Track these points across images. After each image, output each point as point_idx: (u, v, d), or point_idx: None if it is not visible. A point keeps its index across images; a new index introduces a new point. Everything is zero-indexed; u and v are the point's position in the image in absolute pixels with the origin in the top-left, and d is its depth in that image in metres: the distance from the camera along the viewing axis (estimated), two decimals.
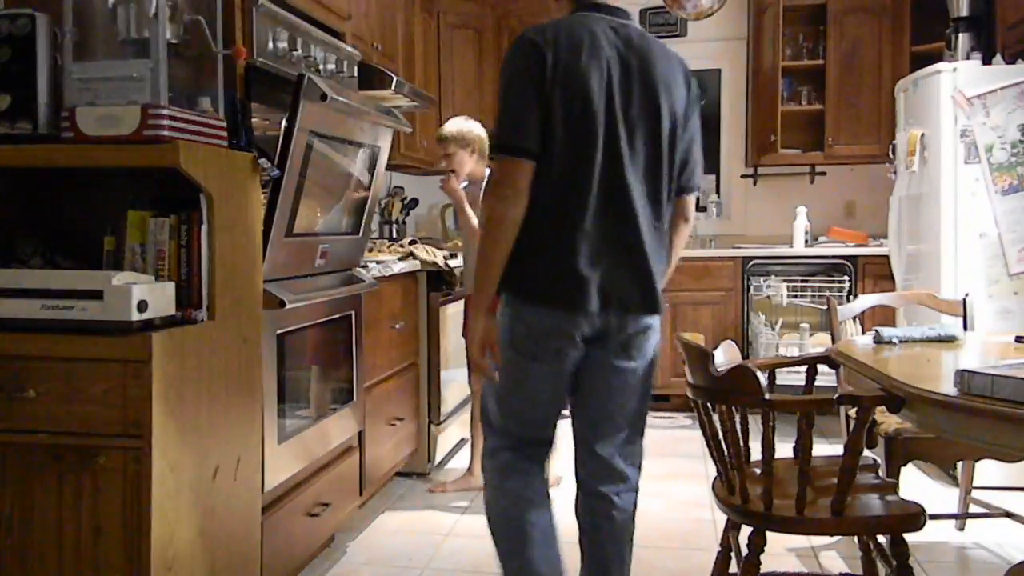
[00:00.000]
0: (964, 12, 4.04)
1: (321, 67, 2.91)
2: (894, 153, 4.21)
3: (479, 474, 2.62)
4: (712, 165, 5.68)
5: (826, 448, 4.16)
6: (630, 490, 2.13)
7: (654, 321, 2.06)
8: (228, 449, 2.13)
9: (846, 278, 4.73)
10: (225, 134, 2.16)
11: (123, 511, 1.83)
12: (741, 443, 1.99)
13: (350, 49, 3.22)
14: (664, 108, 1.99)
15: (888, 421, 2.57)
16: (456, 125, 3.64)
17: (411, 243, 4.04)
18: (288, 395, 2.54)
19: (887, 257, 4.32)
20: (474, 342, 2.02)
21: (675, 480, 3.80)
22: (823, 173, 5.40)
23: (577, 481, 2.16)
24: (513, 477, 2.10)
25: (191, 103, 2.11)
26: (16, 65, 2.03)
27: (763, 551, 2.01)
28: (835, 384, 2.83)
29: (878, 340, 2.42)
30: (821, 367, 2.55)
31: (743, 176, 5.57)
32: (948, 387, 1.76)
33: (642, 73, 1.97)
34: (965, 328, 2.83)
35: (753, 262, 4.92)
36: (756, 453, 2.02)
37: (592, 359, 2.04)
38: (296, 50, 2.75)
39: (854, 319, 3.15)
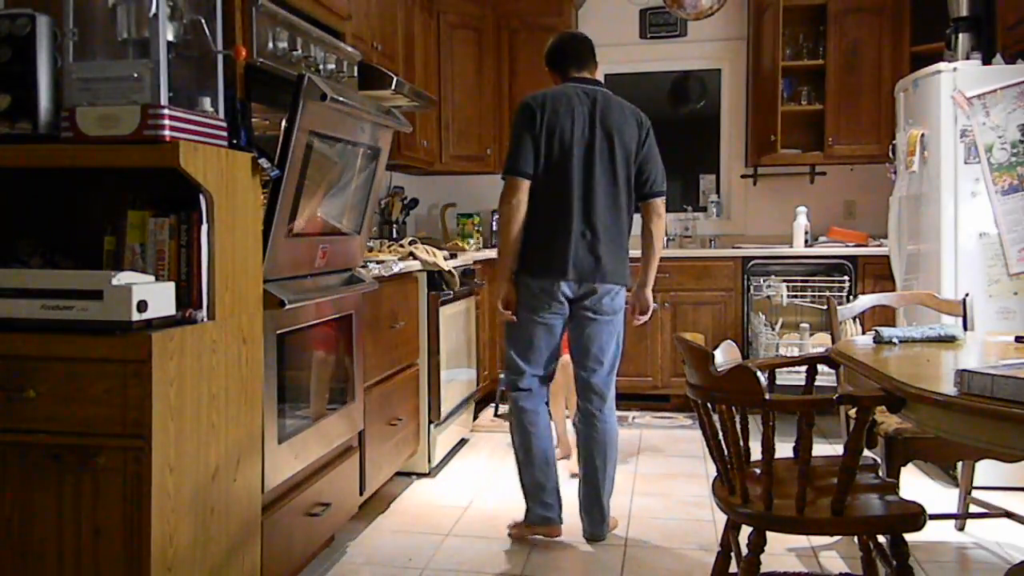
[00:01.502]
0: (964, 12, 4.04)
1: (321, 67, 2.91)
2: (894, 153, 4.21)
3: (568, 442, 3.85)
4: (712, 165, 5.69)
5: (826, 448, 4.16)
6: (609, 409, 3.09)
7: (612, 288, 3.02)
8: (228, 449, 2.13)
9: (846, 278, 4.73)
10: (225, 134, 2.16)
11: (123, 511, 1.83)
12: (741, 443, 1.99)
13: (350, 49, 3.22)
14: (616, 144, 2.99)
15: (888, 421, 2.57)
16: None
17: (411, 243, 4.04)
18: (288, 395, 2.54)
19: (887, 257, 4.32)
20: (497, 299, 3.10)
21: (675, 480, 3.80)
22: (823, 173, 5.40)
23: (577, 403, 3.15)
24: (525, 399, 3.09)
25: (191, 103, 2.11)
26: (16, 65, 2.03)
27: (763, 551, 2.01)
28: (835, 384, 2.83)
29: (878, 340, 2.42)
30: (821, 367, 2.55)
31: (743, 176, 5.57)
32: (948, 387, 1.76)
33: (602, 121, 2.98)
34: (965, 328, 2.83)
35: (753, 262, 4.92)
36: (756, 453, 2.02)
37: (576, 315, 3.04)
38: (296, 50, 2.75)
39: (854, 319, 3.16)
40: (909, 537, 2.01)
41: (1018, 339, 2.43)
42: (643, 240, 3.11)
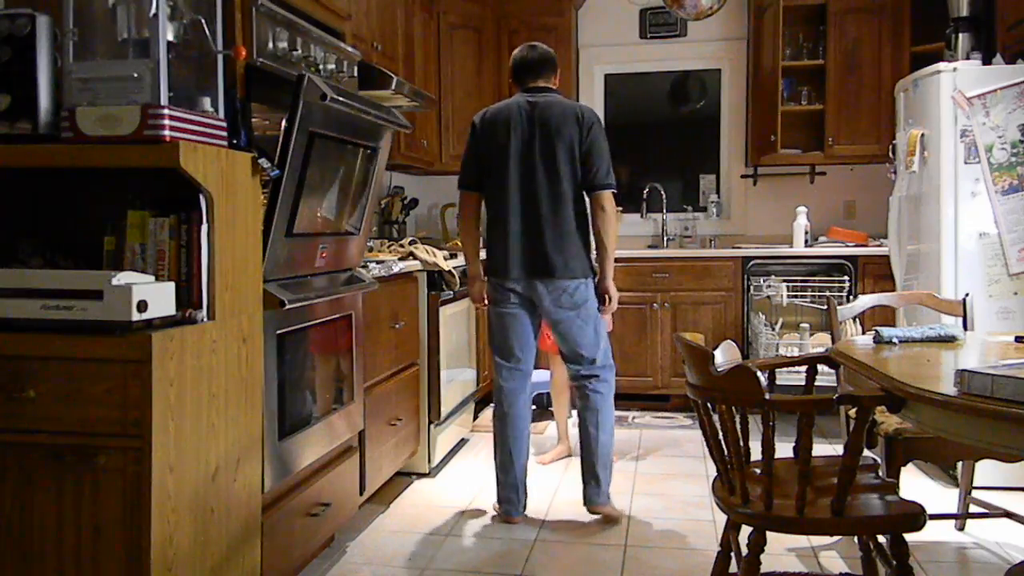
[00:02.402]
0: (964, 12, 4.04)
1: (321, 67, 2.91)
2: (894, 153, 4.21)
3: (569, 443, 4.05)
4: (712, 165, 5.69)
5: (826, 448, 4.16)
6: (600, 381, 3.25)
7: (566, 284, 3.16)
8: (228, 449, 2.13)
9: (846, 278, 4.73)
10: (225, 134, 2.16)
11: (123, 511, 1.83)
12: (741, 443, 1.99)
13: (350, 49, 3.22)
14: (557, 142, 3.15)
15: (888, 421, 2.57)
16: None
17: (411, 243, 4.04)
18: (288, 395, 2.54)
19: (887, 257, 4.32)
20: (470, 295, 3.46)
21: (675, 480, 3.80)
22: (823, 173, 5.40)
23: (572, 386, 3.39)
24: (502, 390, 3.31)
25: (191, 103, 2.11)
26: (16, 65, 2.03)
27: (763, 551, 2.01)
28: (835, 384, 2.83)
29: (878, 340, 2.42)
30: (821, 367, 2.55)
31: (743, 176, 5.57)
32: (948, 387, 1.76)
33: (541, 123, 3.17)
34: (965, 328, 2.83)
35: (753, 262, 4.92)
36: (756, 453, 2.02)
37: (545, 314, 3.24)
38: (296, 50, 2.75)
39: (854, 319, 3.15)
40: (909, 537, 2.01)
41: (1018, 339, 2.43)
42: (593, 234, 3.23)
